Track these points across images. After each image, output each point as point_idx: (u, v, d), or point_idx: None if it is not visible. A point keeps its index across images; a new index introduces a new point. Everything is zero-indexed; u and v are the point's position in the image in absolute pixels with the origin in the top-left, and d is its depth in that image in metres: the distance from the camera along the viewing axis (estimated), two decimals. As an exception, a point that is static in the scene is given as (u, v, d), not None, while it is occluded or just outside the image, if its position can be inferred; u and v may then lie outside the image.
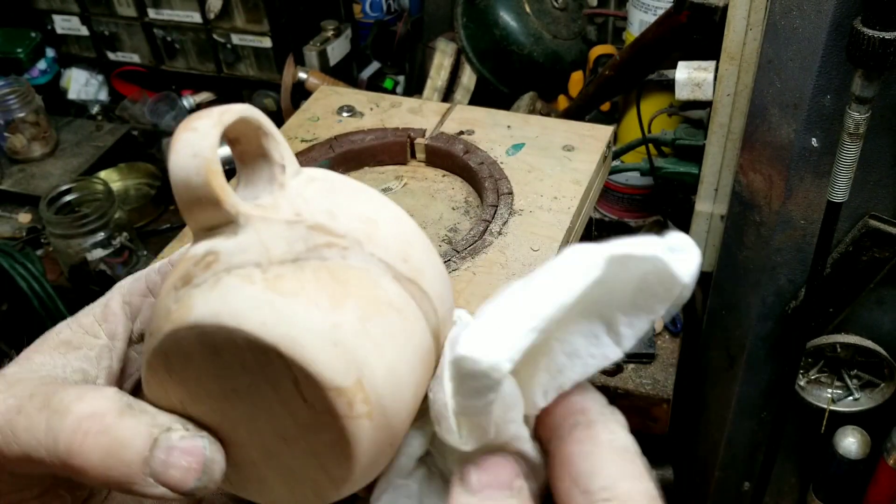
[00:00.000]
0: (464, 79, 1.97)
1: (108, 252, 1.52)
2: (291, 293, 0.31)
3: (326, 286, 0.32)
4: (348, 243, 0.34)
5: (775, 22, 1.21)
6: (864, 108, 1.10)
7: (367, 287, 0.33)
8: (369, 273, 0.34)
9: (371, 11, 2.21)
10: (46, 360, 0.39)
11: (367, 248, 0.34)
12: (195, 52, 2.04)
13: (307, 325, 0.31)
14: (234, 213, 0.33)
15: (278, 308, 0.31)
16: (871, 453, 1.52)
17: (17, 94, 1.85)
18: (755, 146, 1.33)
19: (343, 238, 0.34)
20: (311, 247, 0.33)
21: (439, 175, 1.25)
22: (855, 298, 1.39)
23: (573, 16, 1.96)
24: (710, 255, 1.58)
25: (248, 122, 0.36)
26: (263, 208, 0.34)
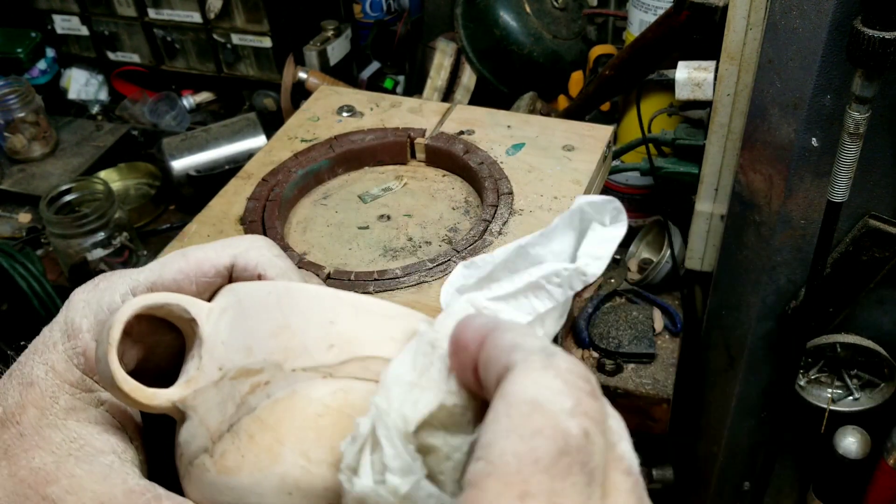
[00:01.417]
0: (464, 79, 1.97)
1: (108, 252, 1.52)
2: (236, 469, 0.35)
3: (261, 442, 0.35)
4: (269, 375, 0.36)
5: (775, 22, 1.21)
6: (864, 108, 1.10)
7: (299, 413, 0.35)
8: (297, 395, 0.35)
9: (371, 11, 2.22)
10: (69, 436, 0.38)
11: (287, 367, 0.36)
12: (195, 52, 2.04)
13: (259, 491, 0.34)
14: (170, 407, 0.37)
15: (233, 487, 0.35)
16: (871, 453, 1.52)
17: (17, 94, 1.85)
18: (755, 146, 1.33)
19: (262, 372, 0.36)
20: (239, 402, 0.35)
21: (439, 175, 1.25)
22: (855, 298, 1.39)
23: (573, 16, 1.96)
24: (710, 254, 1.58)
25: (147, 311, 0.38)
26: (191, 382, 0.37)
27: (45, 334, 0.40)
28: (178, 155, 1.70)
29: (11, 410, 0.38)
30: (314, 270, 1.03)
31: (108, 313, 0.39)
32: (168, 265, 0.41)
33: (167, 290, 0.40)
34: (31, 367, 0.39)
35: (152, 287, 0.40)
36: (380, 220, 1.17)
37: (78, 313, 0.40)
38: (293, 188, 1.20)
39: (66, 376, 0.39)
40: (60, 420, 0.38)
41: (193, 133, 1.75)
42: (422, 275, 1.01)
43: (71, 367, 0.39)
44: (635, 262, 1.77)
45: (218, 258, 0.41)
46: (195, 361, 0.38)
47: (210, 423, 0.36)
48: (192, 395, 0.37)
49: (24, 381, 0.39)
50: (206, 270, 0.40)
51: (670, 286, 1.71)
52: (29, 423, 0.37)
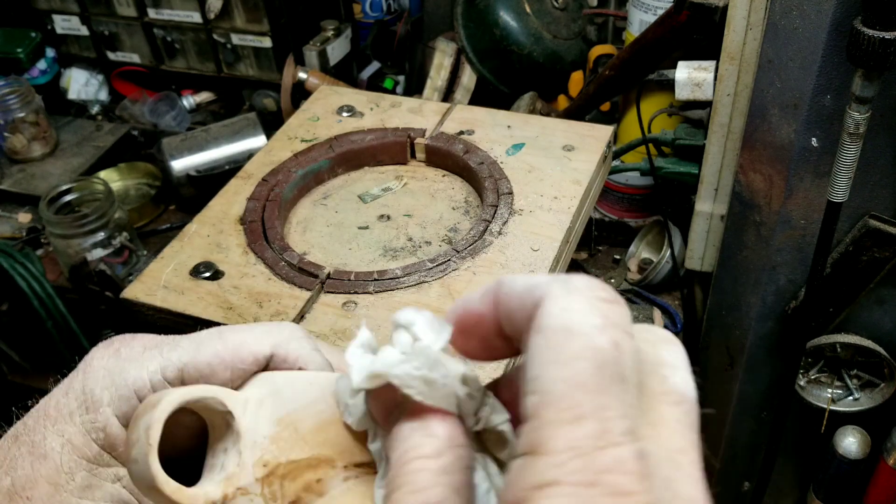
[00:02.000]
0: (464, 79, 1.97)
1: (108, 252, 1.52)
2: None
3: None
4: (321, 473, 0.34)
5: (775, 22, 1.21)
6: (864, 108, 1.10)
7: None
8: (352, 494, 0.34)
9: (371, 11, 2.22)
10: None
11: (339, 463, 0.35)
12: (195, 51, 2.04)
13: None
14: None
15: None
16: (870, 453, 1.52)
17: (17, 94, 1.85)
18: (755, 146, 1.33)
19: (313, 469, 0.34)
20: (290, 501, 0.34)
21: (439, 175, 1.25)
22: (855, 298, 1.39)
23: (573, 16, 1.96)
24: (710, 254, 1.58)
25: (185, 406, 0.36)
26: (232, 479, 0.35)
27: (59, 400, 0.37)
28: (178, 155, 1.70)
29: (21, 483, 0.35)
30: (314, 270, 1.03)
31: (132, 389, 0.37)
32: (203, 346, 0.38)
33: (200, 373, 0.38)
34: (42, 435, 0.36)
35: (184, 369, 0.37)
36: (380, 220, 1.17)
37: (98, 384, 0.37)
38: (293, 188, 1.20)
39: (84, 451, 0.36)
40: (75, 499, 0.36)
41: (193, 133, 1.75)
42: (422, 275, 1.01)
43: (89, 441, 0.37)
44: (635, 262, 1.78)
45: (258, 346, 0.38)
46: (233, 457, 0.35)
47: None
48: (234, 493, 0.34)
49: (37, 453, 0.36)
50: (244, 357, 0.38)
51: (670, 286, 1.71)
52: (40, 499, 0.35)
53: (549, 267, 1.02)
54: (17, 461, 0.36)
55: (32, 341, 1.63)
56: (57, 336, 1.54)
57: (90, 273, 1.52)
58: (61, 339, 1.55)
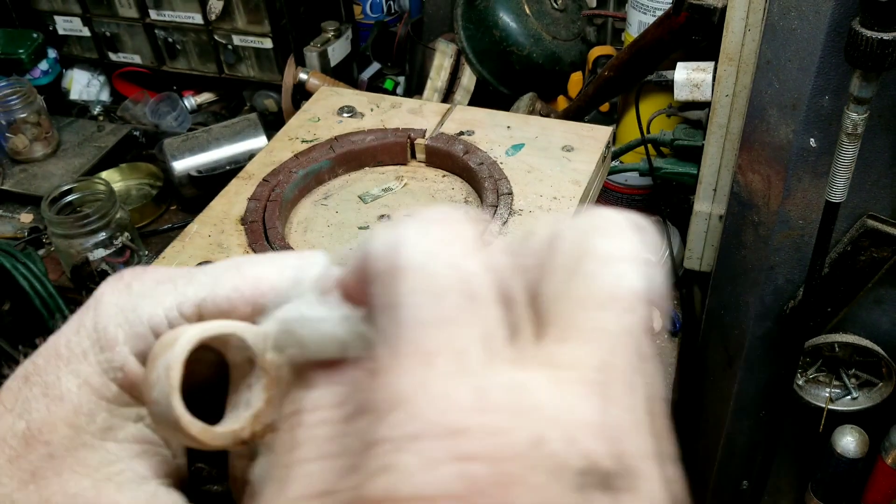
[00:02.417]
0: (464, 80, 1.98)
1: (110, 252, 1.53)
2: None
3: None
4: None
5: (774, 23, 1.22)
6: (862, 109, 1.11)
7: None
8: None
9: (371, 12, 2.22)
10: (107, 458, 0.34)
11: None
12: (196, 52, 2.04)
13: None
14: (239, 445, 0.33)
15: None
16: (869, 452, 1.53)
17: (18, 95, 1.85)
18: (754, 146, 1.34)
19: None
20: None
21: (439, 175, 1.26)
22: (853, 298, 1.40)
23: (572, 17, 1.96)
24: (709, 254, 1.59)
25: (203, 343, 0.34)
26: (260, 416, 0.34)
27: (70, 338, 0.35)
28: (180, 155, 1.70)
29: (38, 427, 0.33)
30: (315, 270, 1.03)
31: (148, 326, 0.35)
32: (221, 280, 0.35)
33: (219, 308, 0.35)
34: (56, 376, 0.34)
35: (201, 304, 0.35)
36: (380, 220, 1.17)
37: (111, 321, 0.35)
38: (294, 188, 1.20)
39: (102, 391, 0.34)
40: (97, 440, 0.34)
41: (195, 133, 1.75)
42: (422, 274, 1.02)
43: (107, 381, 0.34)
44: (635, 262, 1.78)
45: (279, 279, 0.35)
46: (258, 393, 0.34)
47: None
48: (262, 430, 0.33)
49: (52, 394, 0.34)
50: (265, 292, 0.35)
51: (669, 286, 1.72)
52: (60, 442, 0.33)
53: (549, 266, 1.02)
54: (31, 403, 0.34)
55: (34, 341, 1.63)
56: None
57: (92, 273, 1.52)
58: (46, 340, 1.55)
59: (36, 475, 0.32)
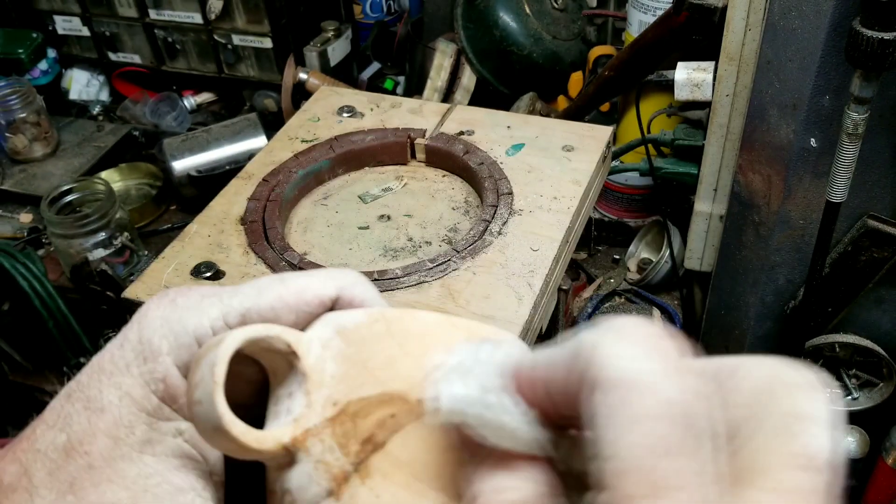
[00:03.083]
0: (464, 79, 1.98)
1: (110, 252, 1.52)
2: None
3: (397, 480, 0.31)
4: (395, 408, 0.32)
5: (774, 23, 1.22)
6: (862, 109, 1.11)
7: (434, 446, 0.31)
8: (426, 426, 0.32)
9: (371, 12, 2.22)
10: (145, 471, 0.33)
11: (412, 397, 0.32)
12: (196, 52, 2.04)
13: None
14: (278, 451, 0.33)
15: None
16: (869, 452, 1.53)
17: (18, 95, 1.85)
18: (754, 146, 1.34)
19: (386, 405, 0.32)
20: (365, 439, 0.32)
21: (439, 175, 1.26)
22: (853, 298, 1.40)
23: (573, 17, 1.96)
24: (710, 254, 1.59)
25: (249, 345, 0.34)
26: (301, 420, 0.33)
27: (114, 353, 0.35)
28: (179, 155, 1.70)
29: (79, 438, 0.33)
30: (315, 270, 1.03)
31: (193, 337, 0.35)
32: (266, 291, 0.36)
33: (263, 318, 0.35)
34: (98, 389, 0.34)
35: (246, 314, 0.35)
36: (380, 220, 1.17)
37: (156, 333, 0.35)
38: (294, 188, 1.20)
39: (143, 404, 0.34)
40: (136, 453, 0.34)
41: (194, 133, 1.75)
42: (422, 275, 1.02)
43: (148, 393, 0.34)
44: (634, 262, 1.78)
45: (323, 289, 0.36)
46: (299, 399, 0.33)
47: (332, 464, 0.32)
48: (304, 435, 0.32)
49: (93, 407, 0.34)
50: (309, 300, 0.36)
51: (669, 286, 1.72)
52: (99, 453, 0.33)
53: (549, 267, 1.02)
54: (73, 417, 0.34)
55: (34, 341, 1.63)
56: (58, 336, 1.54)
57: (91, 273, 1.52)
58: (63, 339, 1.55)
59: (74, 486, 0.32)
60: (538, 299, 0.99)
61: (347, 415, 0.32)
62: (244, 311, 0.35)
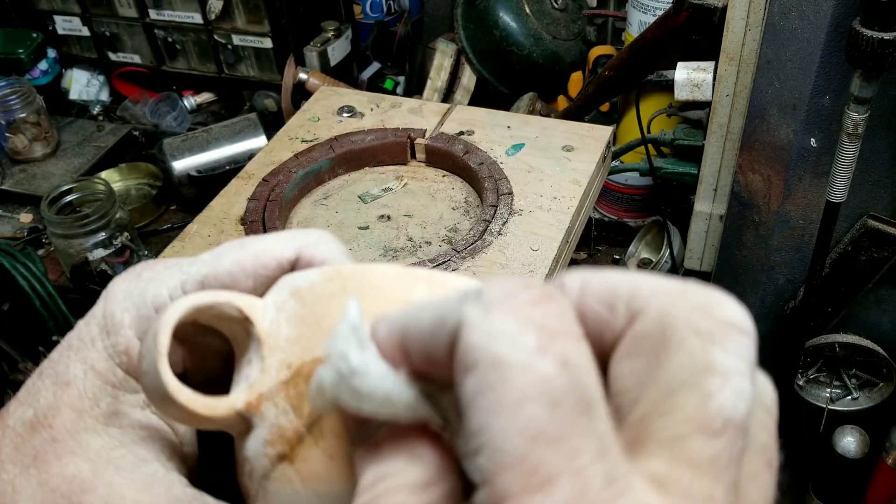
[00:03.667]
0: (464, 79, 1.98)
1: (110, 252, 1.52)
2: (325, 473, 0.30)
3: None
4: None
5: (774, 23, 1.22)
6: (862, 109, 1.11)
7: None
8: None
9: (371, 12, 2.22)
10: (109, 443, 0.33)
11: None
12: (196, 52, 2.04)
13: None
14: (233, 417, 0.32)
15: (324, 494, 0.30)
16: (869, 452, 1.53)
17: (18, 95, 1.85)
18: (754, 146, 1.34)
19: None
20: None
21: (439, 175, 1.26)
22: (853, 298, 1.40)
23: (573, 17, 1.96)
24: (709, 254, 1.59)
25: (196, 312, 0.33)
26: (255, 385, 0.32)
27: (81, 329, 0.35)
28: (179, 155, 1.70)
29: (43, 412, 0.33)
30: (315, 270, 1.03)
31: (153, 308, 0.34)
32: (223, 256, 0.35)
33: (221, 284, 0.35)
34: (66, 364, 0.34)
35: (204, 281, 0.35)
36: (380, 220, 1.17)
37: (118, 306, 0.35)
38: (294, 188, 1.20)
39: (108, 377, 0.34)
40: (101, 425, 0.34)
41: (194, 133, 1.75)
42: (422, 274, 1.02)
43: (112, 366, 0.34)
44: (634, 262, 1.78)
45: (282, 250, 0.35)
46: (255, 364, 0.33)
47: (286, 427, 0.31)
48: (258, 400, 0.32)
49: (60, 381, 0.34)
50: (267, 263, 0.35)
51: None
52: (63, 426, 0.33)
53: (549, 267, 1.02)
54: (40, 392, 0.34)
55: (34, 341, 1.63)
56: (58, 336, 1.55)
57: (91, 273, 1.52)
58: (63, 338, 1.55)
59: (37, 459, 0.32)
60: (538, 299, 0.99)
61: (301, 376, 0.31)
62: (202, 279, 0.35)
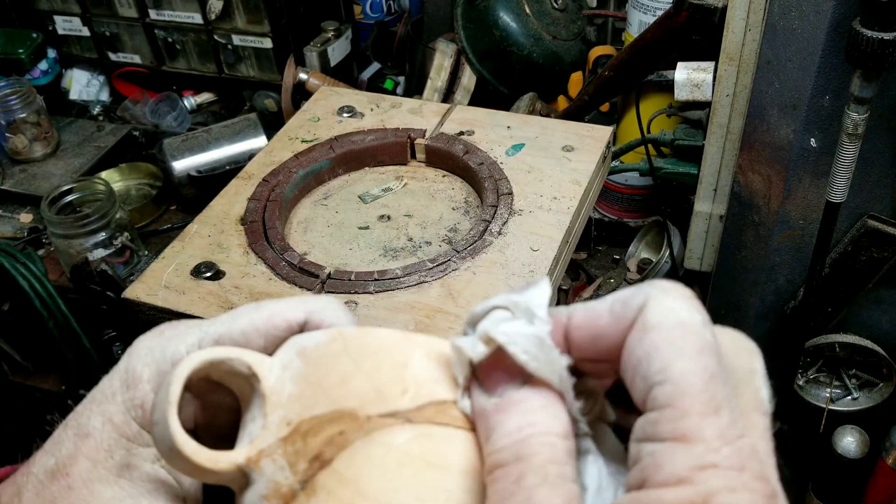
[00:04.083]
0: (464, 79, 1.98)
1: (110, 252, 1.52)
2: None
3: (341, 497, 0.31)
4: (344, 425, 0.32)
5: (774, 23, 1.22)
6: (862, 109, 1.11)
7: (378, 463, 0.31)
8: (375, 444, 0.32)
9: (371, 12, 2.22)
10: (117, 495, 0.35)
11: (362, 414, 0.32)
12: (196, 52, 2.04)
13: None
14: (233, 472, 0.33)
15: None
16: (869, 452, 1.53)
17: (18, 95, 1.85)
18: (754, 146, 1.34)
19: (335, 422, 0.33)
20: (313, 456, 0.32)
21: (439, 175, 1.26)
22: (853, 298, 1.40)
23: (573, 17, 1.96)
24: (709, 255, 1.59)
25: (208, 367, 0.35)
26: (256, 441, 0.34)
27: (105, 383, 0.38)
28: (179, 155, 1.70)
29: (63, 461, 0.36)
30: (315, 270, 1.03)
31: (171, 364, 0.37)
32: (240, 317, 0.38)
33: (235, 342, 0.37)
34: (88, 416, 0.37)
35: (219, 340, 0.37)
36: (380, 220, 1.17)
37: (140, 361, 0.37)
38: (294, 188, 1.20)
39: (124, 430, 0.36)
40: (113, 476, 0.36)
41: (194, 133, 1.75)
42: (422, 275, 1.02)
43: (129, 419, 0.36)
44: (634, 262, 1.78)
45: (292, 313, 0.38)
46: (258, 420, 0.34)
47: (281, 483, 0.32)
48: (258, 455, 0.33)
49: (80, 432, 0.36)
50: (278, 324, 0.37)
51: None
52: (79, 475, 0.35)
53: (549, 267, 1.02)
54: (63, 442, 0.36)
55: (34, 341, 1.63)
56: (58, 336, 1.54)
57: (91, 273, 1.52)
58: (63, 339, 1.55)
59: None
60: (538, 299, 0.99)
61: (299, 433, 0.33)
62: (217, 337, 0.37)
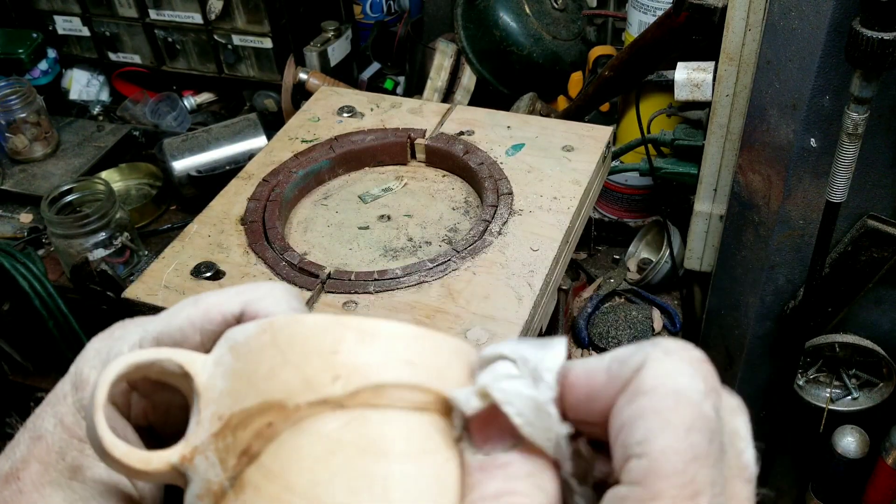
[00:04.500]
0: (464, 79, 1.98)
1: (110, 252, 1.52)
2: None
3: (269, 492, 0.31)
4: (271, 417, 0.31)
5: (774, 23, 1.22)
6: (862, 109, 1.11)
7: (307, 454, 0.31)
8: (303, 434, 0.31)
9: (371, 12, 2.22)
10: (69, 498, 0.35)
11: (290, 404, 0.31)
12: (196, 52, 2.04)
13: None
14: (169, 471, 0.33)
15: None
16: (869, 452, 1.53)
17: (18, 95, 1.85)
18: (754, 146, 1.34)
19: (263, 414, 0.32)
20: (241, 451, 0.32)
21: (439, 175, 1.26)
22: (853, 298, 1.40)
23: (573, 17, 1.96)
24: (709, 255, 1.59)
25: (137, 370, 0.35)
26: (189, 439, 0.33)
27: (59, 385, 0.38)
28: (179, 155, 1.70)
29: (16, 465, 0.35)
30: (315, 270, 1.03)
31: None
32: (178, 313, 0.37)
33: (173, 339, 0.36)
34: (42, 419, 0.37)
35: (159, 337, 0.37)
36: (380, 220, 1.17)
37: (87, 364, 0.37)
38: (294, 188, 1.20)
39: (75, 430, 0.36)
40: (65, 479, 0.35)
41: (194, 133, 1.75)
42: (422, 275, 1.02)
43: (79, 420, 0.36)
44: (634, 262, 1.78)
45: (228, 305, 0.36)
46: (194, 418, 0.34)
47: (212, 481, 0.32)
48: (191, 453, 0.32)
49: (34, 435, 0.36)
50: (213, 318, 0.36)
51: (669, 286, 1.72)
52: (30, 479, 0.35)
53: (549, 267, 1.02)
54: (18, 446, 0.36)
55: (34, 341, 1.63)
56: (58, 336, 1.55)
57: (91, 273, 1.52)
58: (63, 339, 1.55)
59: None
60: (538, 299, 0.99)
61: (229, 428, 0.32)
62: (157, 335, 0.37)
